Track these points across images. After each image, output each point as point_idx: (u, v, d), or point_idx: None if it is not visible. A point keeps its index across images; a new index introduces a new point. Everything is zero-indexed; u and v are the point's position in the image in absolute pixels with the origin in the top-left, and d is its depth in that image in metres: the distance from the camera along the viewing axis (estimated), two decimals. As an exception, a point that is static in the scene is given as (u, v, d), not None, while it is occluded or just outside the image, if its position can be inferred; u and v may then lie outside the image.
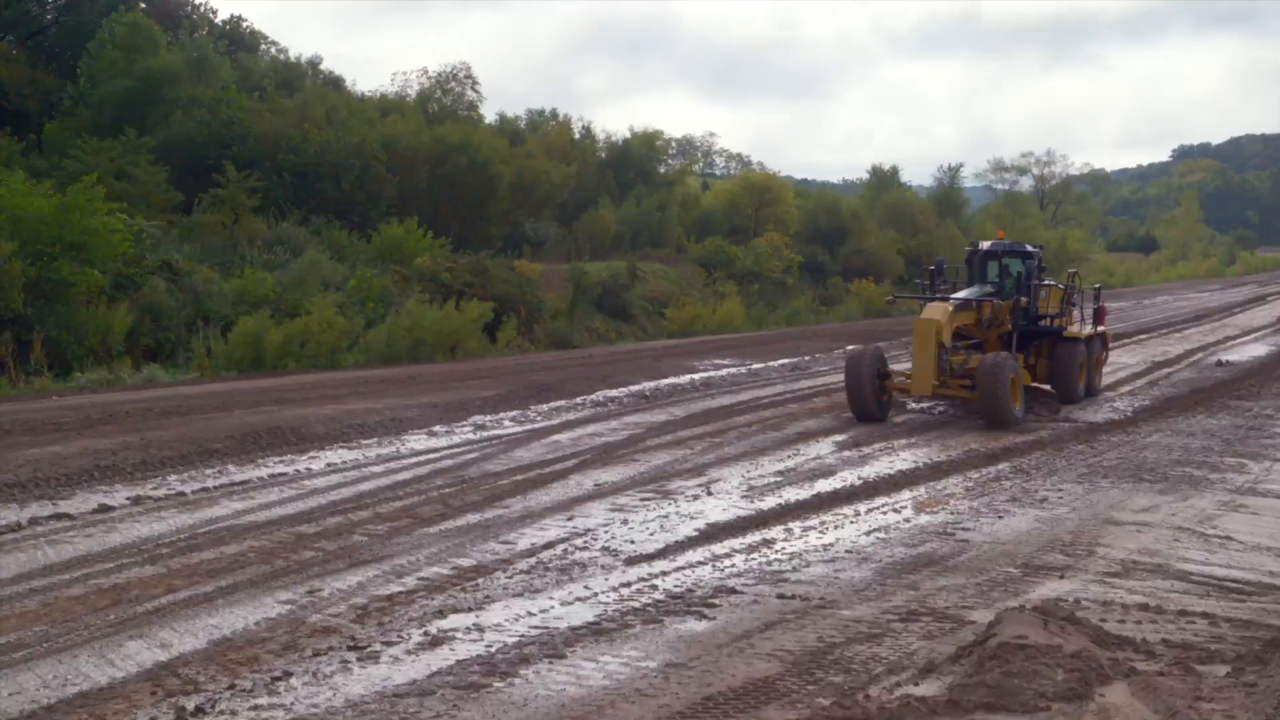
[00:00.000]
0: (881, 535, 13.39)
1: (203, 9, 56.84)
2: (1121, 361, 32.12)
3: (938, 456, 18.30)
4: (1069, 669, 8.26)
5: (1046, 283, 24.70)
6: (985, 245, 24.94)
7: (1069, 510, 14.61)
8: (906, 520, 14.15)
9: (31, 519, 13.82)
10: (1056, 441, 19.76)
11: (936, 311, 21.56)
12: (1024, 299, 23.30)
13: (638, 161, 67.32)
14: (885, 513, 14.59)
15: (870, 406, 21.73)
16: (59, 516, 13.97)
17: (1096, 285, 27.37)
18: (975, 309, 22.63)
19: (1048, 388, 22.90)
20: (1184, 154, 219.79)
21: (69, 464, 16.40)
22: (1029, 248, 24.45)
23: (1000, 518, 14.22)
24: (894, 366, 23.67)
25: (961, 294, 23.29)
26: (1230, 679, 8.38)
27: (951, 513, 14.52)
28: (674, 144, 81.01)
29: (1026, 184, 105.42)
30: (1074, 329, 24.63)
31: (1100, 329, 25.87)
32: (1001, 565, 12.12)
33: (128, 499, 14.92)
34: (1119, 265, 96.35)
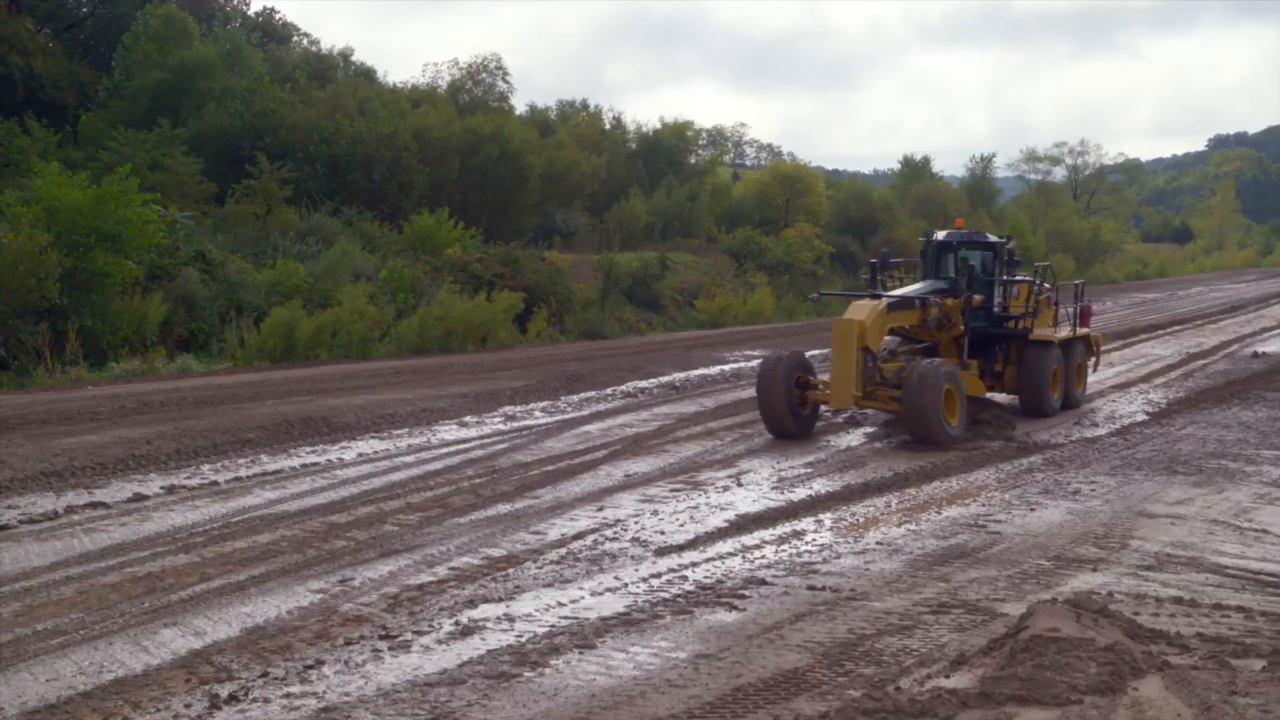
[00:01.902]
0: (912, 527, 13.34)
1: (236, 1, 57.11)
2: (1155, 353, 31.89)
3: (968, 455, 18.22)
4: (1102, 662, 8.22)
5: (1018, 279, 21.78)
6: (940, 235, 22.01)
7: (1102, 503, 14.52)
8: (937, 512, 14.09)
9: (67, 507, 13.96)
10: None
11: (861, 311, 18.86)
12: (978, 296, 20.52)
13: (668, 152, 67.23)
14: (916, 504, 14.54)
15: (785, 421, 18.98)
16: (94, 505, 14.11)
17: (1078, 281, 24.70)
18: (920, 308, 19.89)
19: (1003, 399, 20.79)
20: (1220, 143, 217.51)
21: (104, 453, 16.54)
22: (991, 238, 21.90)
23: (1032, 510, 14.14)
24: (825, 376, 20.19)
25: (901, 291, 20.49)
26: (1266, 673, 8.31)
27: (983, 505, 14.45)
28: (704, 134, 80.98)
29: (1059, 174, 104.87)
30: (1046, 331, 21.95)
31: (1084, 331, 23.11)
32: (1033, 557, 12.05)
33: (162, 488, 15.04)
34: (1153, 255, 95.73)
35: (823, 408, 20.55)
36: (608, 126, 66.44)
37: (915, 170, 79.47)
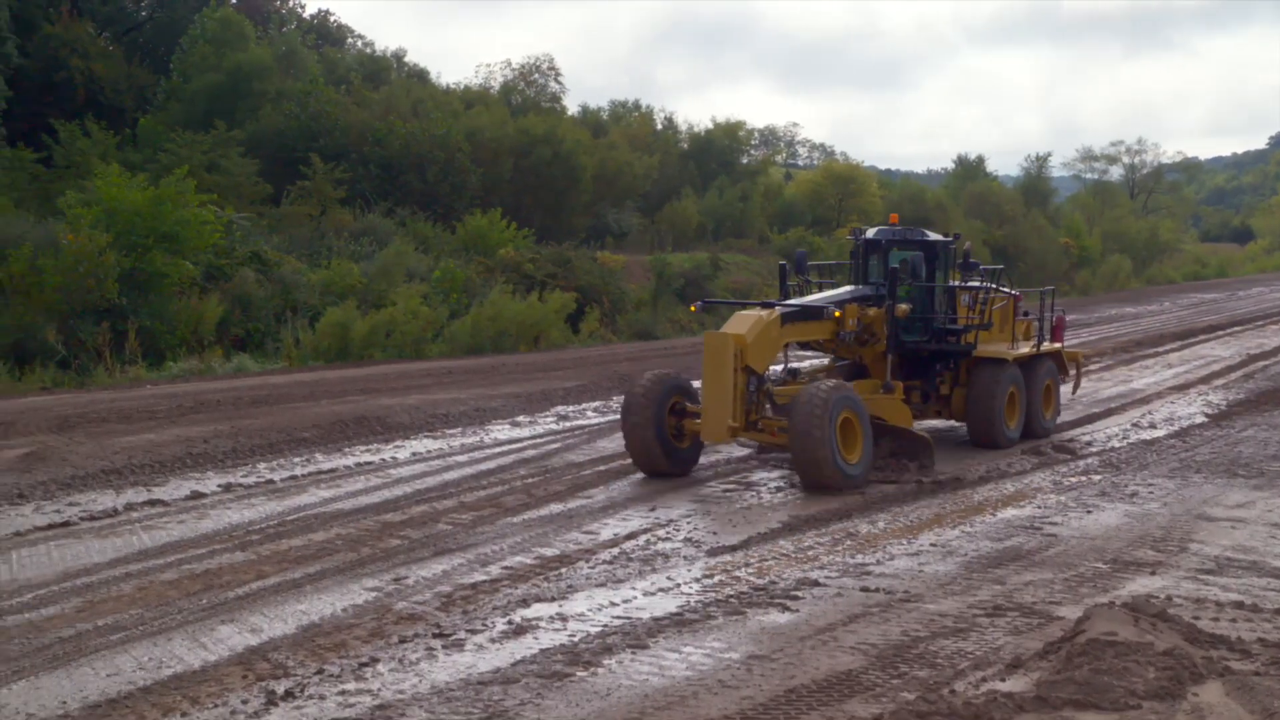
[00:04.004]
0: (967, 529, 13.24)
1: (291, 4, 57.66)
2: (1215, 354, 31.49)
3: (1022, 455, 18.06)
4: (1161, 667, 8.12)
5: (969, 284, 18.89)
6: (869, 233, 18.88)
7: (1160, 505, 14.34)
8: (992, 514, 13.98)
9: (127, 505, 14.15)
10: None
11: (741, 324, 15.77)
12: (903, 305, 17.37)
13: (720, 152, 67.14)
14: (970, 506, 14.44)
15: (655, 457, 15.89)
16: (153, 503, 14.29)
17: (1047, 288, 21.15)
18: (834, 320, 16.79)
19: (924, 435, 16.78)
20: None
21: (163, 451, 16.74)
22: (932, 236, 18.61)
23: (1089, 512, 14.00)
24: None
25: (804, 299, 17.66)
26: (1328, 679, 8.18)
27: (1039, 507, 14.32)
28: (756, 134, 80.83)
29: (1116, 173, 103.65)
30: (997, 347, 18.63)
31: (1053, 347, 19.98)
32: (1090, 561, 11.93)
33: (219, 486, 15.20)
34: (1212, 255, 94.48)
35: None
36: (660, 127, 66.46)
37: (969, 170, 78.86)
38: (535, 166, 46.92)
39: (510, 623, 9.95)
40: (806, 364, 20.65)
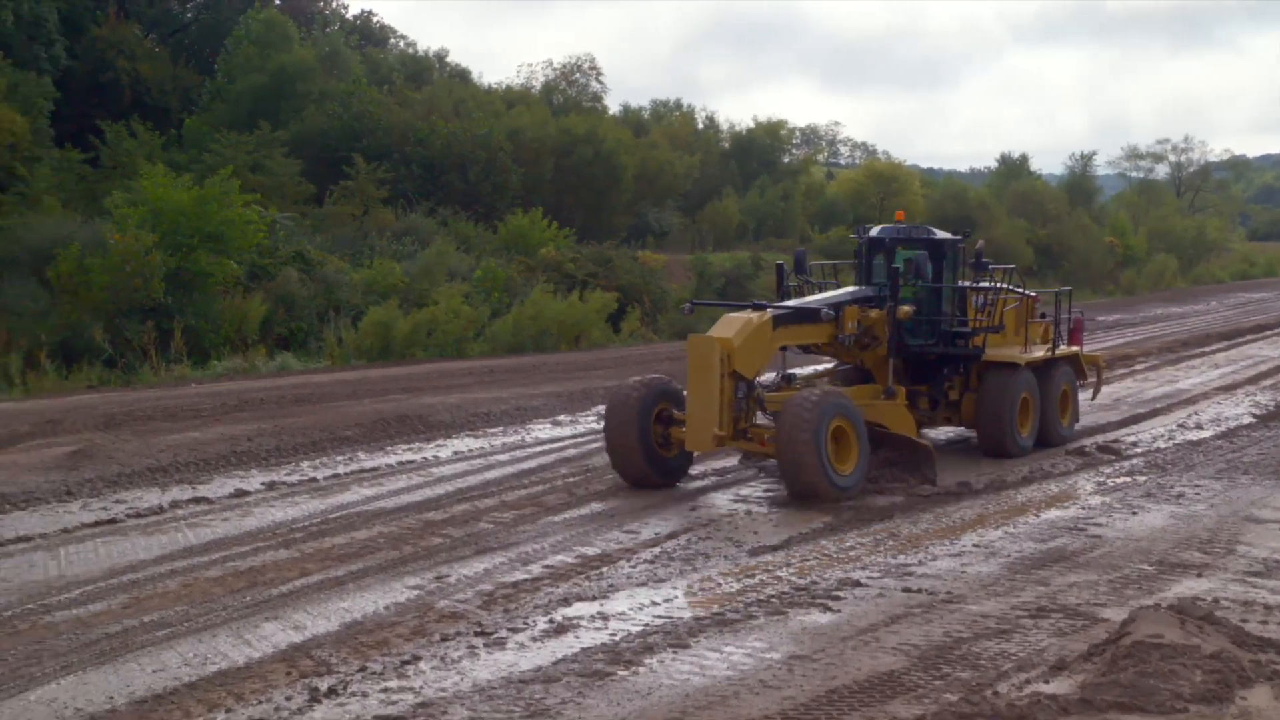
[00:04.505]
0: (1010, 530, 13.15)
1: (334, 4, 58.01)
2: (1263, 354, 31.14)
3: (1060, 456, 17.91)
4: (1208, 670, 8.04)
5: (980, 285, 17.87)
6: (873, 231, 18.04)
7: (1207, 507, 14.19)
8: (1036, 515, 13.89)
9: (172, 502, 14.28)
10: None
11: (729, 327, 14.98)
12: (905, 308, 16.46)
13: (761, 151, 67.07)
14: (1013, 507, 14.35)
15: (637, 466, 15.22)
16: (198, 500, 14.41)
17: (1061, 288, 20.50)
18: (833, 322, 16.05)
19: (926, 444, 16.14)
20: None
21: (207, 449, 16.88)
22: (940, 235, 17.76)
23: (1134, 514, 13.87)
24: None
25: (801, 300, 16.88)
26: (1379, 684, 8.07)
27: (1083, 508, 14.21)
28: (798, 134, 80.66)
29: (1162, 171, 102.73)
30: (1008, 351, 17.95)
31: (1069, 350, 19.22)
32: (1135, 562, 11.82)
33: (262, 484, 15.32)
34: (1261, 254, 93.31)
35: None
36: (701, 126, 66.51)
37: (1013, 168, 78.39)
38: (576, 166, 47.01)
39: (551, 621, 9.97)
40: (810, 369, 20.06)
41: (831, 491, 14.23)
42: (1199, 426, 19.99)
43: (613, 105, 69.05)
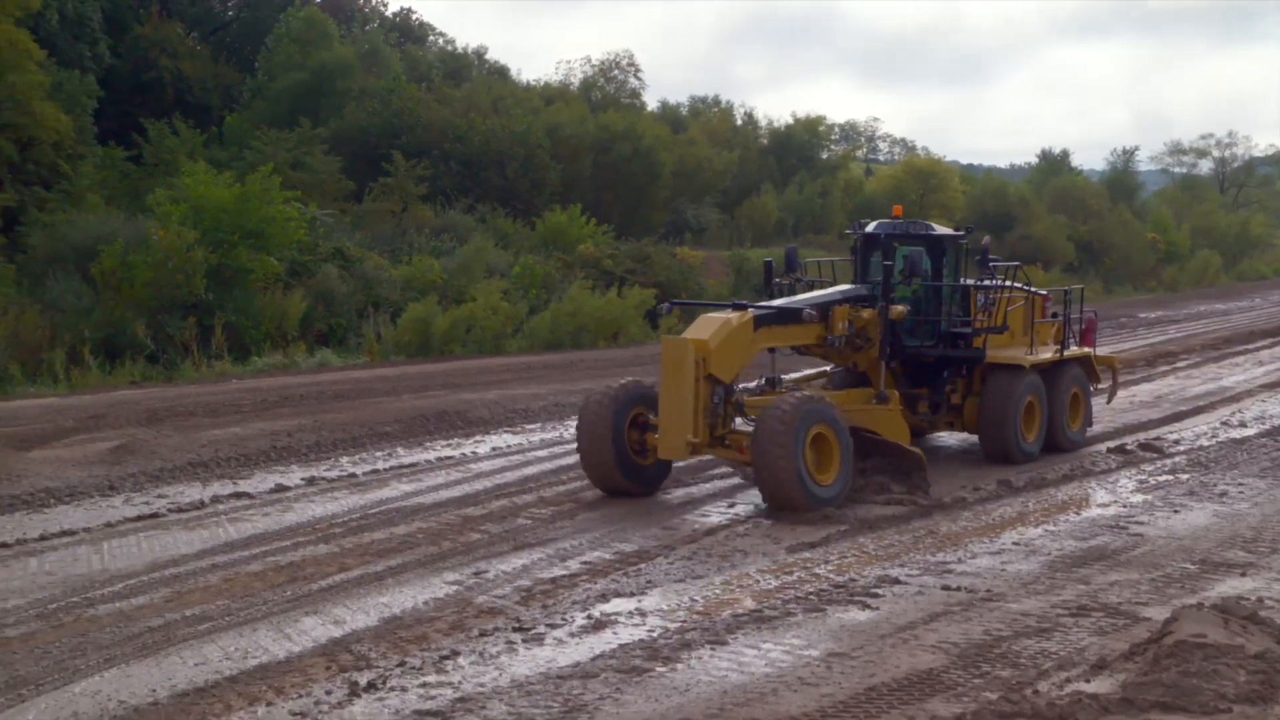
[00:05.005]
0: (1050, 528, 13.07)
1: (374, 2, 58.23)
2: (1307, 351, 30.79)
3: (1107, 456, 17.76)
4: (1251, 670, 7.96)
5: (983, 283, 17.23)
6: (870, 226, 17.42)
7: (1251, 505, 14.05)
8: (1077, 513, 13.79)
9: (213, 497, 14.40)
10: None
11: (705, 329, 14.30)
12: (898, 307, 15.85)
13: (800, 147, 66.78)
14: (1054, 505, 14.26)
15: (611, 473, 14.49)
16: (238, 495, 14.52)
17: (1071, 287, 19.78)
18: (816, 323, 15.39)
19: (916, 452, 15.16)
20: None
21: (248, 445, 17.00)
22: (940, 230, 17.12)
23: (1176, 512, 13.75)
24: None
25: (786, 300, 16.12)
26: None
27: (1124, 506, 14.10)
28: (837, 129, 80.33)
29: (1205, 167, 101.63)
30: (1012, 353, 17.10)
31: (1080, 352, 18.32)
32: (1178, 561, 11.72)
33: (302, 479, 15.41)
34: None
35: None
36: (739, 122, 66.27)
37: (1053, 164, 77.76)
38: (615, 162, 46.99)
39: (589, 617, 9.99)
40: (808, 371, 19.46)
41: (810, 503, 13.44)
42: (1243, 424, 19.78)
43: (651, 102, 69.02)
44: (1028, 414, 16.85)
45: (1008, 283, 17.49)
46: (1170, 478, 15.68)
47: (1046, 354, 17.50)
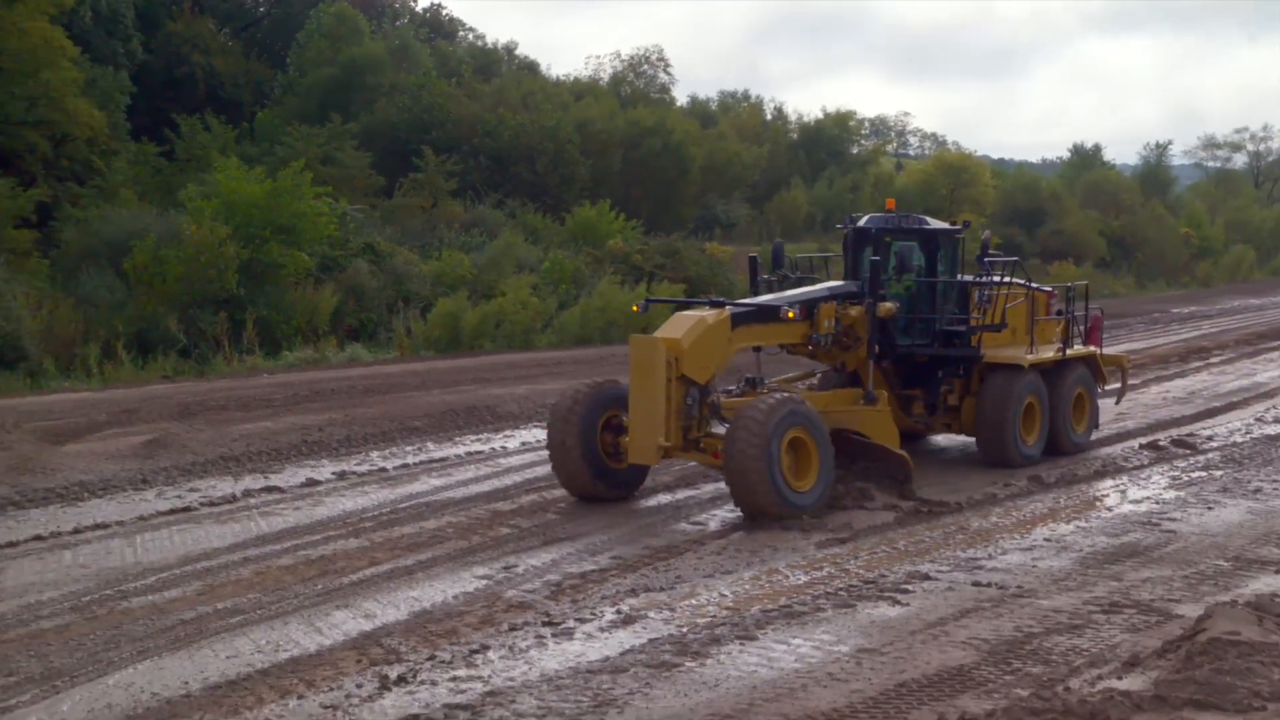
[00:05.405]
0: (1082, 524, 13.00)
1: (404, -2, 58.36)
2: (1342, 347, 30.49)
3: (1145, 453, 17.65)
4: (1286, 668, 7.89)
5: (981, 278, 16.34)
6: (861, 221, 16.66)
7: (1285, 502, 13.93)
8: (1109, 509, 13.71)
9: (245, 491, 14.48)
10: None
11: (678, 327, 13.76)
12: (887, 304, 15.22)
13: (830, 142, 66.68)
14: (1086, 501, 14.18)
15: (580, 477, 13.94)
16: (270, 489, 14.60)
17: (1074, 283, 18.85)
18: (796, 320, 14.74)
19: (902, 455, 14.54)
20: None
21: (279, 439, 17.09)
22: (934, 224, 16.50)
23: (1209, 508, 13.65)
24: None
25: (767, 297, 15.54)
26: None
27: (1157, 502, 14.00)
28: (867, 124, 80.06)
29: (1240, 161, 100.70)
30: (1013, 351, 16.41)
31: (1084, 350, 17.57)
32: (1211, 558, 11.64)
33: (333, 474, 15.48)
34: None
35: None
36: (769, 117, 66.25)
37: (1085, 159, 77.33)
38: (644, 158, 47.01)
39: (619, 612, 9.99)
40: (794, 372, 19.02)
41: (785, 511, 12.82)
42: (1277, 420, 19.60)
43: (680, 97, 69.01)
44: (1027, 415, 16.18)
45: (1005, 278, 16.52)
46: (1203, 474, 15.56)
47: (1048, 353, 16.80)
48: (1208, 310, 43.15)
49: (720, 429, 13.59)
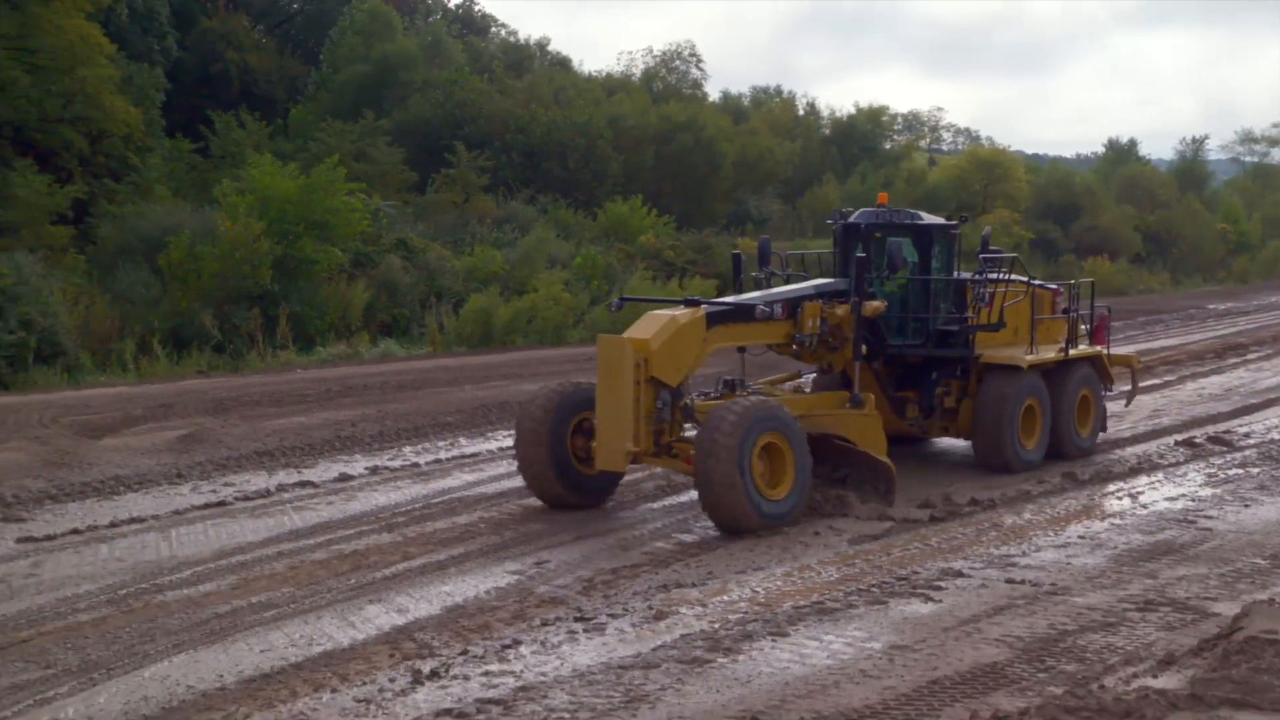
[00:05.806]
0: (1116, 521, 12.91)
1: (437, -7, 58.47)
2: (1382, 343, 30.17)
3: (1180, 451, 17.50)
4: (1324, 668, 7.82)
5: (977, 276, 15.71)
6: (852, 216, 16.08)
7: (1323, 500, 13.80)
8: (1144, 506, 13.61)
9: (279, 486, 14.56)
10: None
11: (648, 327, 13.12)
12: (875, 303, 14.60)
13: (862, 137, 66.32)
14: (1120, 498, 14.09)
15: (547, 482, 13.38)
16: (303, 484, 14.67)
17: (1079, 280, 18.40)
18: (775, 320, 14.15)
19: (885, 461, 13.82)
20: None
21: (312, 434, 17.18)
22: (928, 220, 15.93)
23: (1246, 506, 13.54)
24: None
25: (743, 296, 14.86)
26: None
27: (1192, 500, 13.89)
28: (900, 119, 79.64)
29: (1277, 156, 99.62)
30: (1013, 352, 15.79)
31: (1090, 350, 16.97)
32: (1248, 556, 11.54)
33: (366, 469, 15.54)
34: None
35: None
36: (801, 113, 65.91)
37: (1120, 154, 76.68)
38: (676, 153, 46.94)
39: (650, 608, 10.00)
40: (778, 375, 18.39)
41: (756, 521, 12.30)
42: (1315, 418, 19.41)
43: (713, 92, 68.75)
44: (1027, 418, 15.56)
45: (993, 275, 15.84)
46: (1240, 471, 15.44)
47: (1049, 353, 16.14)
48: (1244, 306, 42.78)
49: (693, 433, 13.06)
